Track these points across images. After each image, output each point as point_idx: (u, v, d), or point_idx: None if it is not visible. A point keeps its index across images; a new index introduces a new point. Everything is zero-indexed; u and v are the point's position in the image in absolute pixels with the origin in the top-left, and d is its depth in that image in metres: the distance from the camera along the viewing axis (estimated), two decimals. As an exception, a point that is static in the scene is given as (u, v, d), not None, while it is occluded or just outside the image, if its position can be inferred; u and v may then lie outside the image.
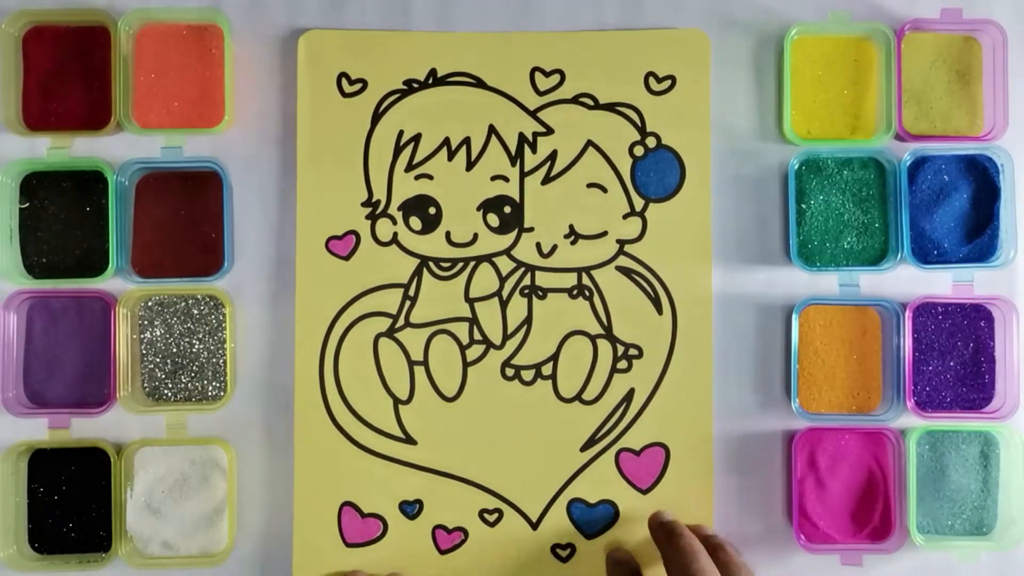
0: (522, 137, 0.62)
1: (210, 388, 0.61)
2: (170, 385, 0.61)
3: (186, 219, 0.62)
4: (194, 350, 0.61)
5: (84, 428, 0.61)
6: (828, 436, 0.61)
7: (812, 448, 0.61)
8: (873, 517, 0.61)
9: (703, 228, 0.62)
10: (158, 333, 0.61)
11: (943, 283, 0.62)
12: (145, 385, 0.61)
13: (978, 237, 0.61)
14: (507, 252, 0.62)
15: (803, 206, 0.62)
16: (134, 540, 0.60)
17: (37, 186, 0.62)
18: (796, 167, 0.61)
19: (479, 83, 0.62)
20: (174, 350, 0.61)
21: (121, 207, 0.60)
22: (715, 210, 0.62)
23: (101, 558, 0.60)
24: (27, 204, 0.62)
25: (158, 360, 0.61)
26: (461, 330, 0.62)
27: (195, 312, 0.61)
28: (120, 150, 0.62)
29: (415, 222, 0.62)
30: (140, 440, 0.61)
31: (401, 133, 0.62)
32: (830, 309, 0.62)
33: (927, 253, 0.62)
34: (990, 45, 0.62)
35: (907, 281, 0.62)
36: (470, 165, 0.62)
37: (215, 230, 0.61)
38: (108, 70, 0.61)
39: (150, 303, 0.61)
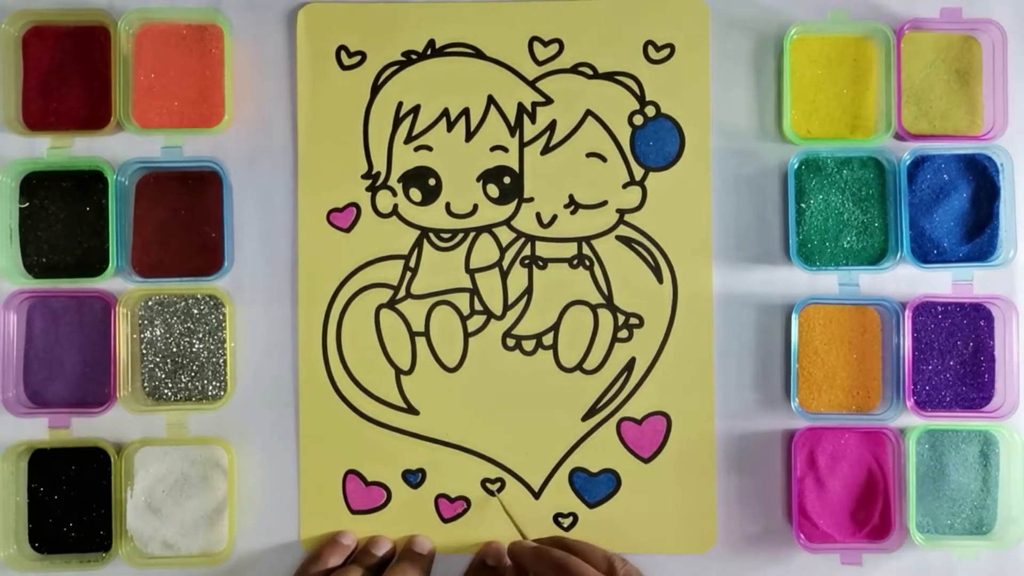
0: (521, 107, 0.62)
1: (210, 388, 0.61)
2: (170, 385, 0.61)
3: (186, 219, 0.62)
4: (194, 350, 0.61)
5: (84, 428, 0.61)
6: (828, 435, 0.61)
7: (812, 447, 0.61)
8: (873, 516, 0.61)
9: (703, 196, 0.62)
10: (158, 333, 0.61)
11: (943, 282, 0.62)
12: (145, 385, 0.61)
13: (978, 236, 0.62)
14: (507, 222, 0.62)
15: (803, 205, 0.62)
16: (134, 540, 0.60)
17: (37, 186, 0.62)
18: (796, 166, 0.61)
19: (478, 53, 0.62)
20: (174, 350, 0.61)
21: (121, 207, 0.60)
22: (715, 210, 0.62)
23: (101, 558, 0.60)
24: (27, 204, 0.62)
25: (158, 360, 0.61)
26: (462, 301, 0.62)
27: (195, 312, 0.61)
28: (120, 150, 0.62)
29: (415, 193, 0.62)
30: (140, 440, 0.61)
31: (400, 104, 0.62)
32: (830, 308, 0.62)
33: (927, 252, 0.62)
34: (990, 45, 0.62)
35: (907, 280, 0.62)
36: (469, 136, 0.62)
37: (215, 230, 0.61)
38: (108, 70, 0.61)
39: (150, 303, 0.62)
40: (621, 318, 0.62)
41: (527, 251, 0.62)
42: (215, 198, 0.61)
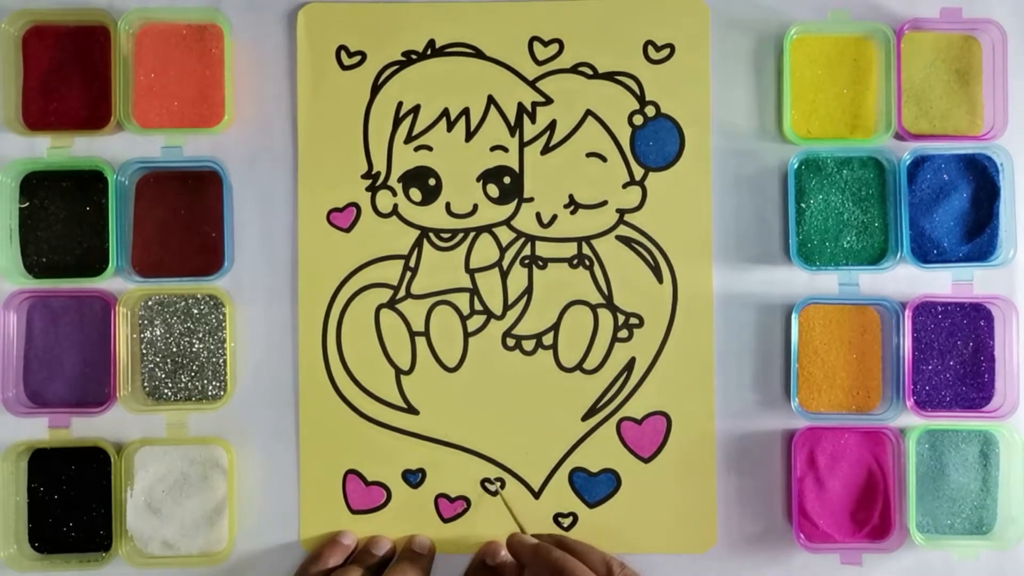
0: (521, 107, 0.62)
1: (210, 388, 0.61)
2: (170, 385, 0.61)
3: (186, 219, 0.62)
4: (194, 350, 0.61)
5: (84, 428, 0.61)
6: (828, 435, 0.61)
7: (812, 447, 0.61)
8: (873, 516, 0.61)
9: (703, 196, 0.62)
10: (158, 333, 0.61)
11: (943, 282, 0.62)
12: (145, 385, 0.61)
13: (978, 236, 0.62)
14: (507, 222, 0.62)
15: (803, 205, 0.62)
16: (134, 539, 0.60)
17: (37, 186, 0.62)
18: (796, 166, 0.61)
19: (478, 53, 0.62)
20: (174, 350, 0.61)
21: (121, 207, 0.60)
22: (715, 210, 0.62)
23: (101, 558, 0.60)
24: (27, 204, 0.62)
25: (158, 360, 0.61)
26: (462, 301, 0.62)
27: (195, 312, 0.61)
28: (120, 150, 0.62)
29: (415, 193, 0.62)
30: (140, 440, 0.61)
31: (400, 104, 0.62)
32: (830, 308, 0.62)
33: (927, 252, 0.62)
34: (989, 45, 0.62)
35: (907, 280, 0.62)
36: (469, 136, 0.62)
37: (215, 230, 0.62)
38: (108, 70, 0.61)
39: (150, 303, 0.62)
40: (621, 318, 0.62)
41: (527, 251, 0.62)
42: (215, 198, 0.61)
